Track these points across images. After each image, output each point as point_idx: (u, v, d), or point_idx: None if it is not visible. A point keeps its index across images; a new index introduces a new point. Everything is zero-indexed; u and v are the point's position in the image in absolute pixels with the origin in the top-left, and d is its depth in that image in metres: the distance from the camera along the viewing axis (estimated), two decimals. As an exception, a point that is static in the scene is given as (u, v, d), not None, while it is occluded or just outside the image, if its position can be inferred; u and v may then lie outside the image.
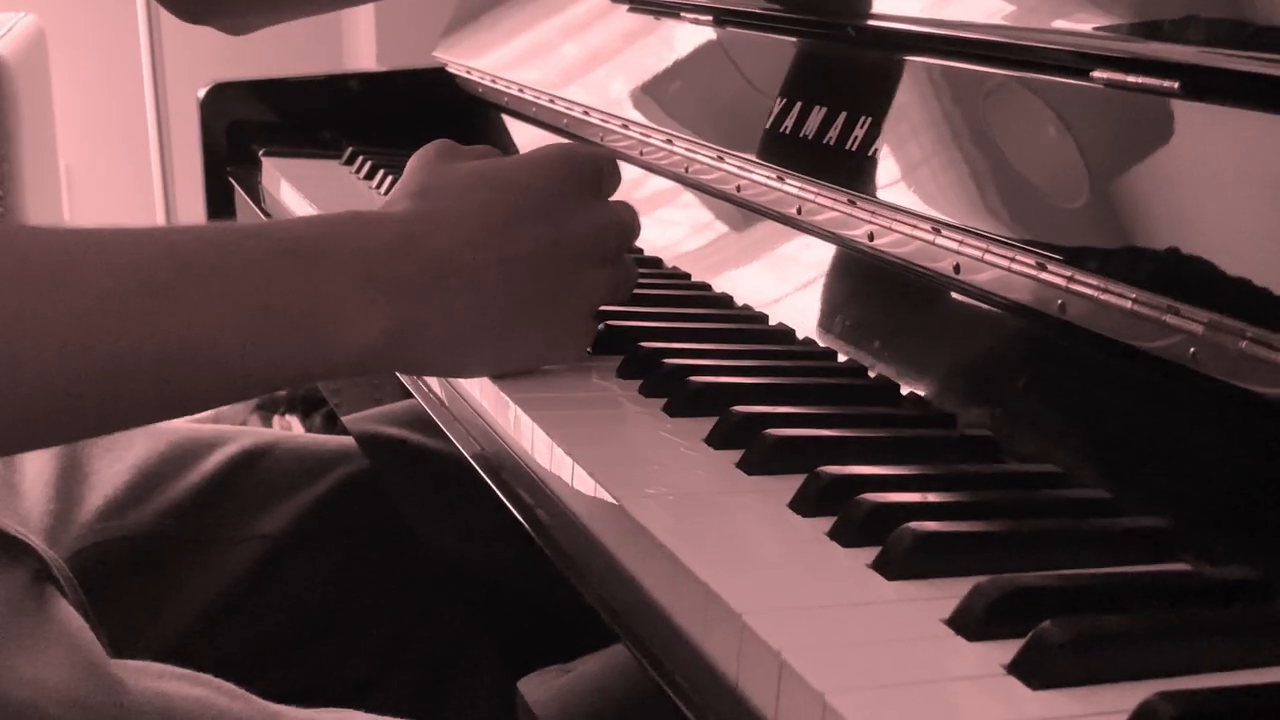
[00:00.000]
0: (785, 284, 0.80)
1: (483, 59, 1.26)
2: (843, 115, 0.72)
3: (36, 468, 0.80)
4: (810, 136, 0.74)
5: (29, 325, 0.45)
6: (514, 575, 0.63)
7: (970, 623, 0.42)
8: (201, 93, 1.27)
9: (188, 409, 0.53)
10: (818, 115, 0.74)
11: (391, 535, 0.87)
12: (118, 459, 0.83)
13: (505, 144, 1.21)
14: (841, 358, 0.70)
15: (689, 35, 0.95)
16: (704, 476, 0.55)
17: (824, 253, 0.76)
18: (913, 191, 0.67)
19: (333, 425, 1.57)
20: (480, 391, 0.65)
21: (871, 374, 0.67)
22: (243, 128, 1.28)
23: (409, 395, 0.73)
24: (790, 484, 0.53)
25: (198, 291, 0.50)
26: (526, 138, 1.17)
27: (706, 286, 0.84)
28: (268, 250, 0.53)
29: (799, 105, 0.76)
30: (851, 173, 0.71)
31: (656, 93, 0.96)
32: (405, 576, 0.88)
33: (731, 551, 0.49)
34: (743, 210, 0.85)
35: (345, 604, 0.87)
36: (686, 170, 0.89)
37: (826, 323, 0.73)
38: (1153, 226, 0.54)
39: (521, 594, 0.62)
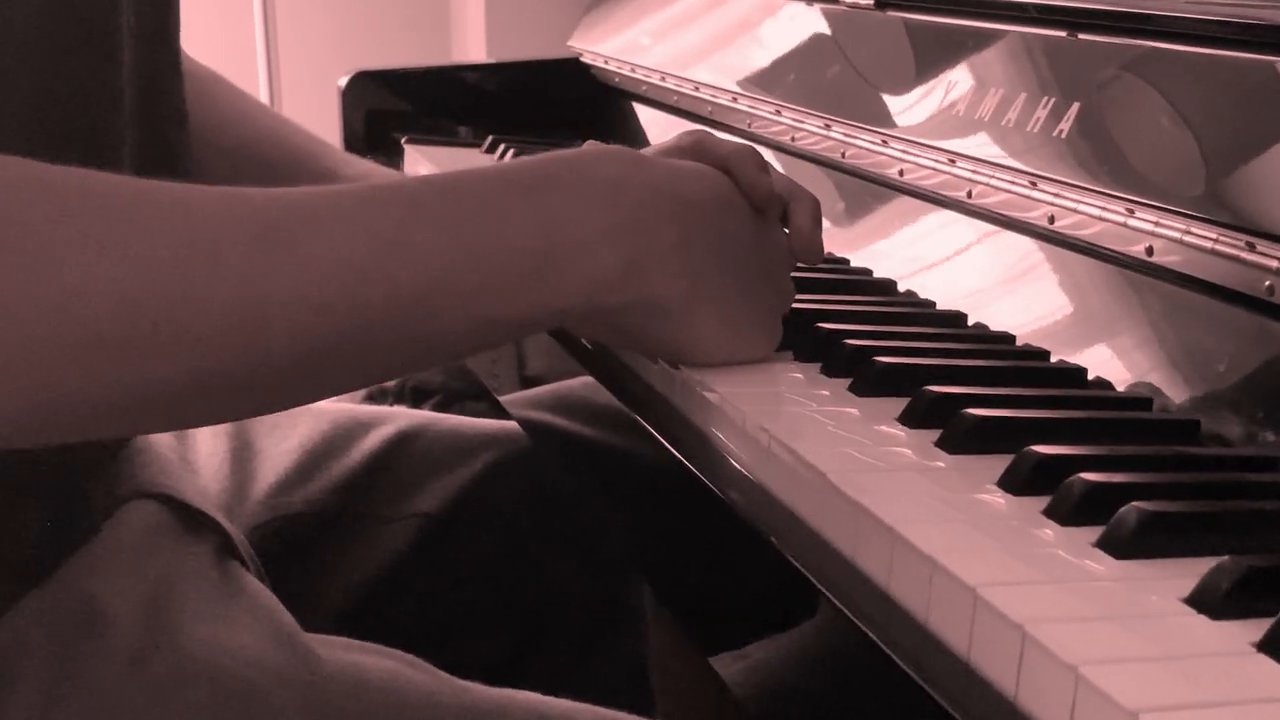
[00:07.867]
0: (953, 269, 0.79)
1: (618, 46, 1.26)
2: (1022, 96, 0.71)
3: (209, 447, 0.81)
4: (987, 118, 0.73)
5: (275, 285, 0.46)
6: (702, 556, 0.63)
7: (1214, 601, 0.42)
8: (343, 81, 1.28)
9: (424, 362, 0.53)
10: (995, 97, 0.73)
11: (542, 515, 0.88)
12: (284, 438, 0.84)
13: (634, 131, 1.22)
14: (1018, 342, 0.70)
15: (846, 18, 0.94)
16: (907, 454, 0.55)
17: (996, 237, 0.75)
18: (1101, 173, 0.66)
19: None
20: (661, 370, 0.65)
21: (1053, 359, 0.67)
22: (379, 116, 1.30)
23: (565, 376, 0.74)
24: (990, 463, 0.53)
25: (433, 239, 0.50)
26: (667, 126, 1.17)
27: (868, 272, 0.83)
28: (502, 189, 0.52)
29: (973, 87, 0.76)
30: (1031, 154, 0.70)
31: (805, 76, 0.96)
32: (554, 556, 0.89)
33: (951, 526, 0.48)
34: (906, 196, 0.84)
35: (497, 582, 0.87)
36: (843, 155, 0.89)
37: (1000, 307, 0.73)
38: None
39: (712, 575, 0.62)
